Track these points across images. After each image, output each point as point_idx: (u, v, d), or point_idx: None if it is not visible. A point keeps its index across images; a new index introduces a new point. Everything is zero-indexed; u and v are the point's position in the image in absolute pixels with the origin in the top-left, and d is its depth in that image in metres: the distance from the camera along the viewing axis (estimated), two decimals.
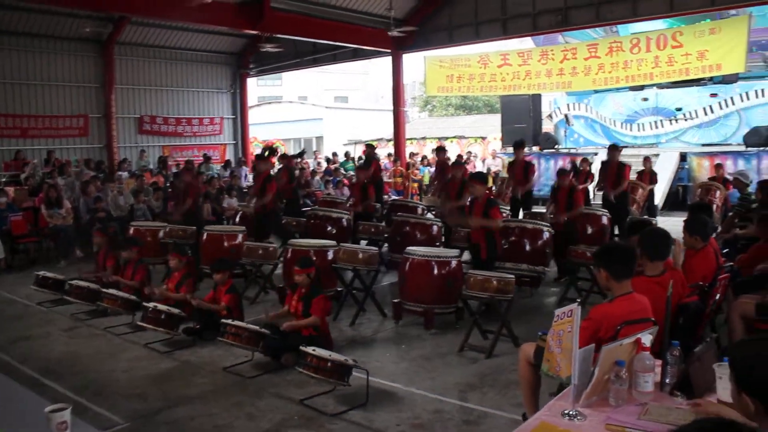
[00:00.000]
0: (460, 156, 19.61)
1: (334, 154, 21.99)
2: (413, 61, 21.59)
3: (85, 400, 5.28)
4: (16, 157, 16.71)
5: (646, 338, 3.00)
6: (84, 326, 7.52)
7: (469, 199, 8.02)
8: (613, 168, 10.76)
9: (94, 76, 19.43)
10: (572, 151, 19.56)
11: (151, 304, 6.66)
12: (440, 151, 13.51)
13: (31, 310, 8.36)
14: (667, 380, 2.92)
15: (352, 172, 16.93)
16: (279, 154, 16.91)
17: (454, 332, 6.88)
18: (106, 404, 5.20)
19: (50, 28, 18.08)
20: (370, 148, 14.10)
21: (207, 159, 19.38)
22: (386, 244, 10.05)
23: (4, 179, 15.48)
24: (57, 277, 8.43)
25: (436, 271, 6.90)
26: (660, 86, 18.71)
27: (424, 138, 28.98)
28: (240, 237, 9.01)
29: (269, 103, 37.69)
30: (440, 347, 6.46)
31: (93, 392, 5.47)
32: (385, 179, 18.03)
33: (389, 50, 19.39)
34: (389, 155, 22.08)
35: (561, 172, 9.48)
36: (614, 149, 10.99)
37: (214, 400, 5.26)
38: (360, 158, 20.28)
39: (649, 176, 13.37)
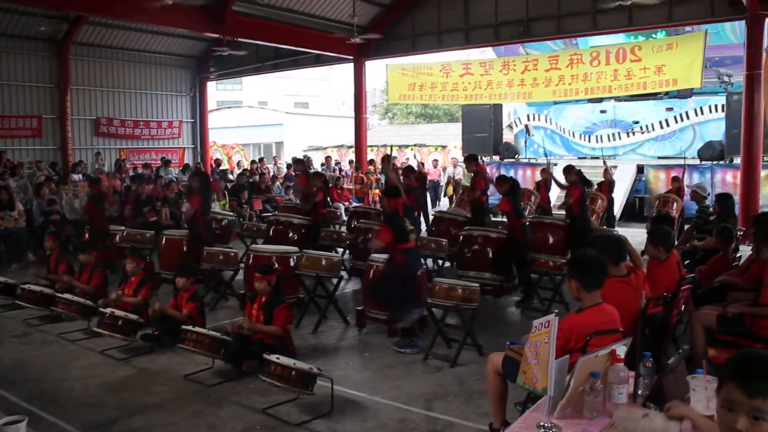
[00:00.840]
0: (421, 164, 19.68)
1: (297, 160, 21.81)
2: (375, 69, 21.58)
3: (38, 409, 5.09)
4: None
5: (621, 349, 2.99)
6: (37, 332, 7.28)
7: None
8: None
9: (48, 76, 18.99)
10: (532, 161, 19.77)
11: (108, 310, 6.48)
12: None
13: None
14: (640, 392, 2.92)
15: None
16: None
17: (418, 341, 6.83)
18: (60, 414, 5.03)
19: (3, 26, 17.58)
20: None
21: (166, 163, 19.08)
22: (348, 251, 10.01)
23: None
24: (8, 281, 8.16)
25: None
26: (618, 99, 19.07)
27: (384, 145, 29.04)
28: None
29: (229, 107, 37.38)
30: (404, 356, 6.41)
31: (46, 401, 5.29)
32: (347, 186, 17.99)
33: (351, 57, 19.35)
34: (350, 162, 22.05)
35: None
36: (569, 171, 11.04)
37: (174, 409, 5.13)
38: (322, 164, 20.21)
39: (608, 187, 13.57)
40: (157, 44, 21.27)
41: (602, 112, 20.03)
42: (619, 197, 15.74)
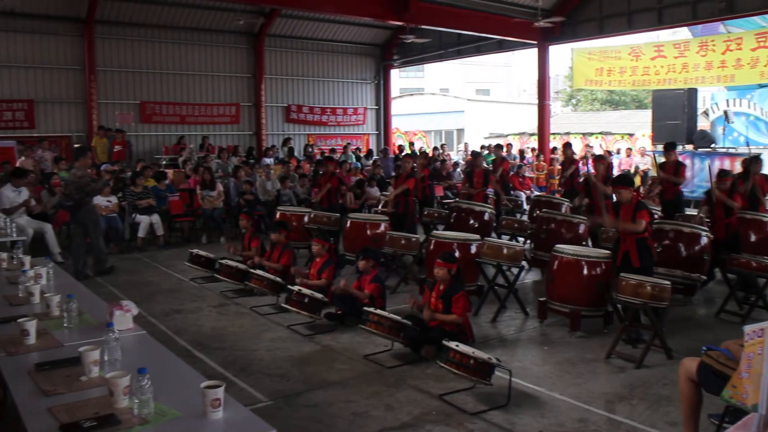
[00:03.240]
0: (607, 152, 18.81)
1: (482, 147, 21.71)
2: (558, 53, 20.95)
3: (231, 375, 5.47)
4: (179, 142, 17.87)
5: None
6: (232, 304, 7.85)
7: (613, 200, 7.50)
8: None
9: (245, 67, 20.38)
10: (731, 150, 18.19)
11: (296, 288, 6.80)
12: (567, 147, 13.06)
13: (184, 285, 8.85)
14: None
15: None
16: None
17: (602, 337, 6.53)
18: (250, 381, 5.36)
19: (208, 22, 19.12)
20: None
21: (357, 149, 19.74)
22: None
23: (164, 162, 16.58)
24: (209, 256, 8.86)
25: (585, 272, 6.57)
26: None
27: (567, 133, 28.09)
28: (383, 226, 9.05)
29: (411, 94, 37.90)
30: (586, 352, 6.15)
31: (239, 368, 5.66)
32: (528, 174, 17.64)
33: (535, 42, 18.90)
34: (532, 150, 21.61)
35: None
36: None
37: (353, 387, 5.28)
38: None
39: None
40: (344, 34, 22.03)
41: None
42: None
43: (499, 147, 15.25)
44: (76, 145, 15.30)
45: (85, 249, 9.35)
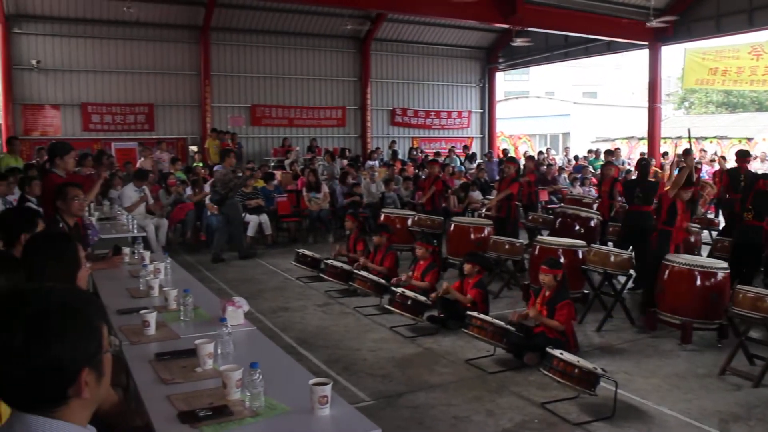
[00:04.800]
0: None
1: (590, 152, 21.18)
2: (670, 55, 20.04)
3: (335, 373, 5.58)
4: (283, 144, 18.41)
5: None
6: (336, 304, 8.01)
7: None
8: None
9: (352, 71, 20.74)
10: None
11: (399, 289, 6.87)
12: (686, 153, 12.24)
13: (290, 283, 9.11)
14: None
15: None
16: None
17: (715, 352, 6.24)
18: (353, 380, 5.45)
19: (316, 27, 19.59)
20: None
21: (465, 147, 19.69)
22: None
23: (272, 164, 17.11)
24: (315, 256, 9.08)
25: (699, 282, 6.30)
26: None
27: (679, 137, 26.91)
28: (487, 230, 9.00)
29: (516, 97, 37.42)
30: (697, 366, 5.89)
31: (342, 367, 5.77)
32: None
33: (647, 42, 18.22)
34: (642, 154, 20.85)
35: None
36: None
37: (455, 390, 5.27)
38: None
39: None
40: (449, 37, 22.02)
41: None
42: None
43: (609, 153, 14.82)
44: (223, 148, 16.09)
45: (226, 238, 10.53)
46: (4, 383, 1.43)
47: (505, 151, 21.32)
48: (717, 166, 13.27)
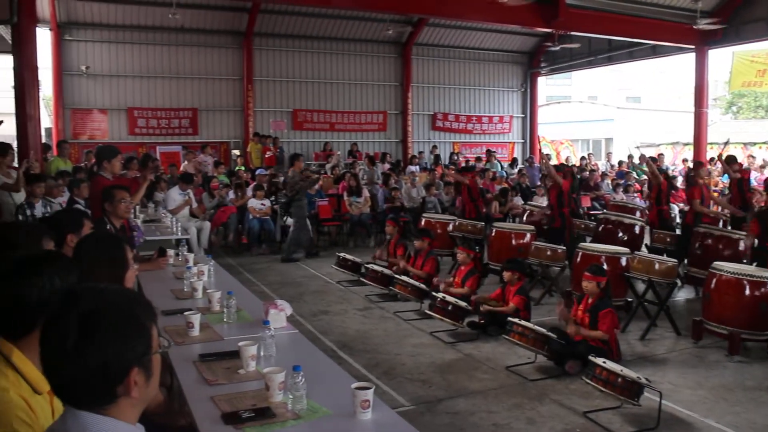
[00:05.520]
0: None
1: (629, 157, 20.86)
2: (717, 58, 19.59)
3: (375, 377, 5.60)
4: (324, 149, 18.53)
5: None
6: (376, 308, 8.03)
7: None
8: None
9: (393, 76, 20.77)
10: None
11: (440, 295, 6.85)
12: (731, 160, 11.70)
13: (330, 287, 9.16)
14: None
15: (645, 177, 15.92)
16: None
17: (765, 364, 6.08)
18: (393, 385, 5.46)
19: (358, 32, 19.68)
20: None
21: (489, 156, 19.62)
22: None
23: (313, 168, 17.22)
24: (355, 260, 9.12)
25: (747, 292, 6.15)
26: None
27: (726, 143, 26.31)
28: (528, 236, 8.92)
29: (558, 102, 37.01)
30: (745, 378, 5.74)
31: (382, 371, 5.78)
32: (680, 186, 16.70)
33: (693, 46, 17.86)
34: (684, 161, 20.51)
35: None
36: None
37: (495, 397, 5.24)
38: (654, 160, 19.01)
39: None
40: (491, 41, 21.90)
41: None
42: None
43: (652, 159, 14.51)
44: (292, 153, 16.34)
45: (296, 239, 11.11)
46: (57, 380, 1.47)
47: (513, 160, 21.14)
48: (767, 173, 12.92)
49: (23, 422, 1.83)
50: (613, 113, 33.53)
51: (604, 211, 10.74)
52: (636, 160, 16.85)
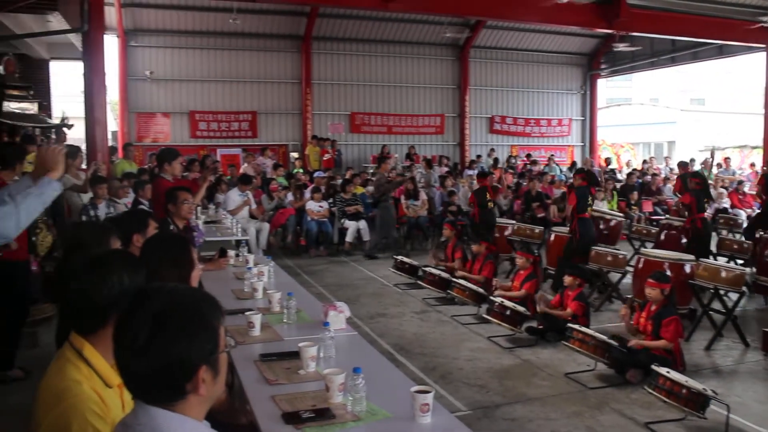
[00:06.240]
0: None
1: (692, 160, 20.29)
2: None
3: (432, 381, 5.57)
4: (382, 151, 18.56)
5: None
6: (433, 311, 8.00)
7: None
8: None
9: (451, 78, 20.70)
10: None
11: (498, 299, 6.78)
12: None
13: (387, 290, 9.17)
14: None
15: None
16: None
17: None
18: (450, 389, 5.43)
19: (415, 35, 19.71)
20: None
21: (527, 158, 19.38)
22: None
23: (371, 171, 17.28)
24: (412, 263, 9.11)
25: None
26: None
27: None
28: None
29: (618, 105, 36.27)
30: None
31: (438, 375, 5.76)
32: (746, 191, 16.18)
33: (763, 45, 17.23)
34: (752, 165, 19.84)
35: None
36: None
37: (553, 404, 5.16)
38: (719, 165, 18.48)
39: None
40: (549, 43, 21.63)
41: None
42: None
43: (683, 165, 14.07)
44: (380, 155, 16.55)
45: (383, 237, 11.61)
46: (129, 376, 1.51)
47: (608, 160, 20.73)
48: None
49: (96, 414, 1.89)
50: (675, 116, 32.69)
51: (667, 216, 10.46)
52: (698, 165, 16.35)
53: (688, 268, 7.13)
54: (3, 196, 2.53)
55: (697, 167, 15.84)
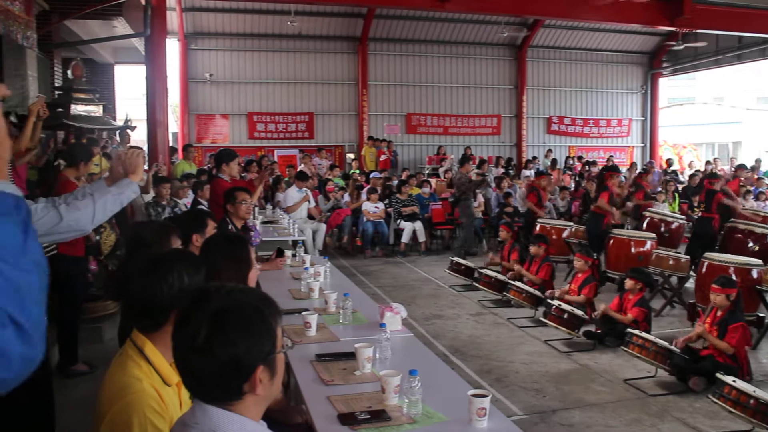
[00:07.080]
0: None
1: (758, 161, 19.62)
2: None
3: (487, 384, 5.52)
4: (438, 152, 18.55)
5: None
6: (489, 313, 7.93)
7: None
8: None
9: (508, 79, 20.52)
10: None
11: (555, 302, 6.68)
12: None
13: (443, 291, 9.13)
14: None
15: None
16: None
17: None
18: (506, 393, 5.37)
19: (472, 35, 19.62)
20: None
21: (581, 160, 18.97)
22: None
23: (427, 171, 17.27)
24: (468, 265, 9.04)
25: None
26: None
27: None
28: (649, 244, 8.53)
29: (680, 104, 35.30)
30: None
31: (494, 378, 5.70)
32: None
33: None
34: None
35: None
36: None
37: (613, 411, 5.05)
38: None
39: None
40: (608, 42, 21.21)
41: None
42: None
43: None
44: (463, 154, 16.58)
45: (469, 236, 11.79)
46: (188, 375, 1.53)
47: (669, 161, 20.18)
48: None
49: (155, 411, 1.92)
50: (741, 115, 31.69)
51: (732, 219, 10.11)
52: (766, 166, 15.79)
53: (755, 273, 6.87)
54: (83, 192, 2.63)
55: (764, 168, 15.31)
